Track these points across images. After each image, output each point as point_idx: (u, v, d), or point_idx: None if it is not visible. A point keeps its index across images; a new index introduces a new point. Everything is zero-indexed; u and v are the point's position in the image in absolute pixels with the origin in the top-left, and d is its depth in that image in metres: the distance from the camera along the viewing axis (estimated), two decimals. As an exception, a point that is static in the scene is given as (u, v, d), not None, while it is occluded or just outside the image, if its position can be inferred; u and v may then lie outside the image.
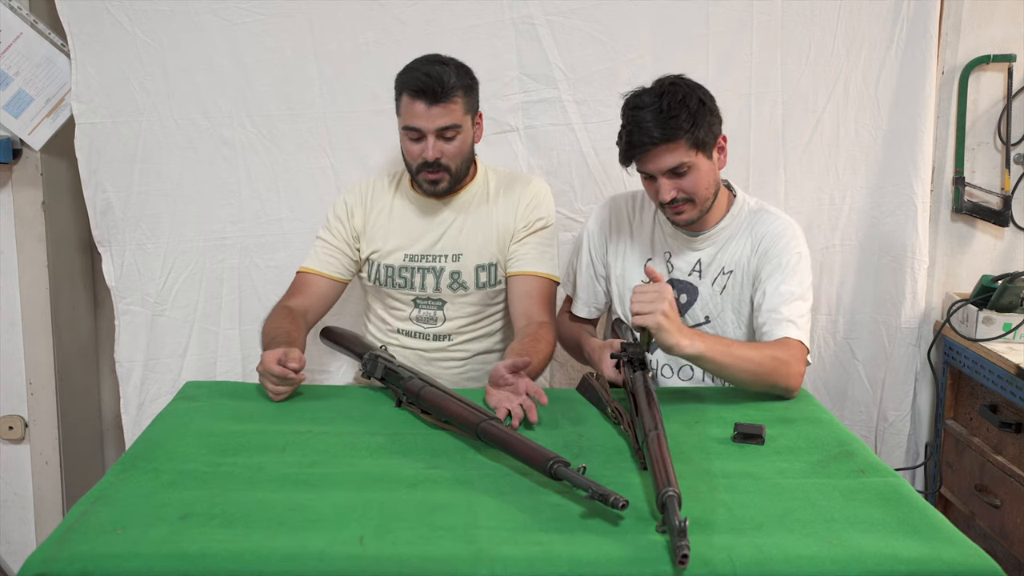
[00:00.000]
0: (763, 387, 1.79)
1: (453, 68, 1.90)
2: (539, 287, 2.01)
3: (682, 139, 1.77)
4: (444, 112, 1.89)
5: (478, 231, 2.03)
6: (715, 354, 1.70)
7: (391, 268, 2.04)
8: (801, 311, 1.84)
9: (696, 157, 1.80)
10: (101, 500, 1.29)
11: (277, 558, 1.14)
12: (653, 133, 1.76)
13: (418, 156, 1.93)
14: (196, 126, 2.34)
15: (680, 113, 1.76)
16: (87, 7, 2.25)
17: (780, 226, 1.91)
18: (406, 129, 1.92)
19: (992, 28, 2.42)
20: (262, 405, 1.71)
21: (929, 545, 1.21)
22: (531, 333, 1.90)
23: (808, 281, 1.89)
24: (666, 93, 1.78)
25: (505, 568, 1.14)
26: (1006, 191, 2.47)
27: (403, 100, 1.92)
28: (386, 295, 2.09)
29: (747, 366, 1.74)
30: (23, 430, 2.46)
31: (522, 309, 1.99)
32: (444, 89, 1.87)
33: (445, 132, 1.91)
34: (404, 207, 2.06)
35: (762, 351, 1.78)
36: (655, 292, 1.68)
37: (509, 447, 1.42)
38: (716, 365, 1.72)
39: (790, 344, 1.80)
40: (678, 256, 1.97)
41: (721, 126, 1.86)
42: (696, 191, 1.83)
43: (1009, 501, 2.15)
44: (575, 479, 1.28)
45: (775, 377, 1.77)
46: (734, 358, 1.73)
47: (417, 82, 1.87)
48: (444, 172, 1.94)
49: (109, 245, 2.38)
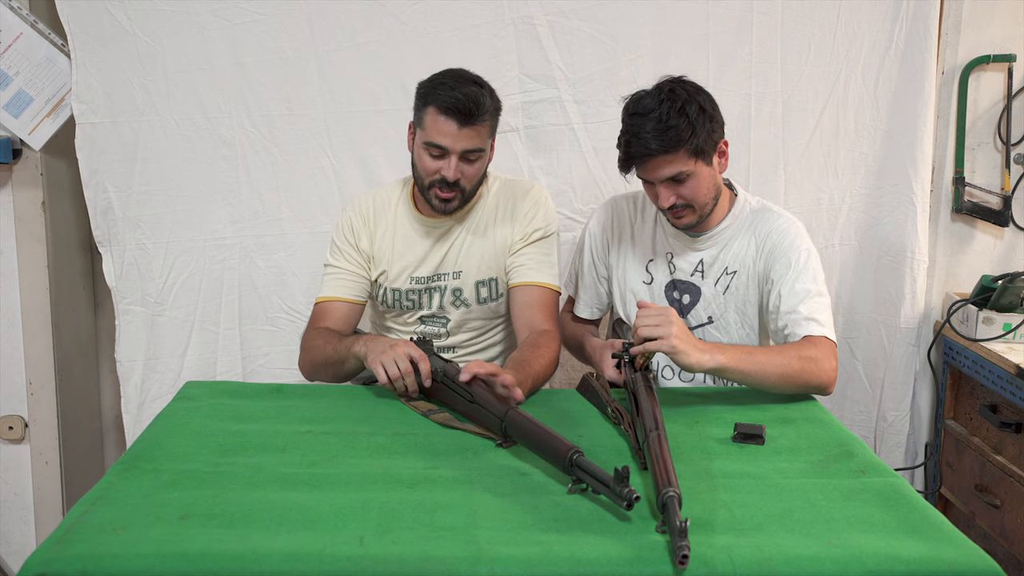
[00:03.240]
0: (795, 388, 1.76)
1: (487, 91, 1.85)
2: (540, 297, 1.97)
3: (681, 149, 1.75)
4: (473, 134, 1.83)
5: (478, 247, 1.99)
6: (737, 363, 1.69)
7: (398, 292, 2.01)
8: (820, 307, 1.82)
9: (695, 165, 1.79)
10: (101, 500, 1.29)
11: (277, 558, 1.14)
12: (651, 144, 1.75)
13: (435, 173, 1.86)
14: (196, 126, 2.34)
15: (679, 123, 1.74)
16: (87, 7, 2.25)
17: (784, 224, 1.90)
18: (429, 145, 1.85)
19: (992, 28, 2.42)
20: (262, 405, 1.71)
21: (929, 545, 1.21)
22: (532, 341, 1.87)
23: (821, 277, 1.87)
24: (665, 100, 1.76)
25: (505, 568, 1.14)
26: (1006, 191, 2.47)
27: (429, 114, 1.84)
28: (395, 314, 2.07)
29: (773, 370, 1.72)
30: (23, 430, 2.46)
31: (524, 319, 1.95)
32: (478, 112, 1.81)
33: (469, 154, 1.85)
34: (408, 228, 2.00)
35: (786, 353, 1.75)
36: (660, 316, 1.66)
37: (532, 436, 1.42)
38: (740, 374, 1.71)
39: (816, 341, 1.78)
40: (680, 256, 1.97)
41: (722, 130, 1.85)
42: (695, 198, 1.82)
43: (1009, 501, 2.15)
44: (593, 470, 1.28)
45: (806, 376, 1.74)
46: (758, 364, 1.71)
47: (451, 100, 1.80)
48: (458, 192, 1.89)
49: (109, 245, 2.38)
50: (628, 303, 2.01)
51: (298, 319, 2.44)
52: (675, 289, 1.97)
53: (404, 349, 1.69)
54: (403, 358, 1.68)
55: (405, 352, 1.68)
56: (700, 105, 1.78)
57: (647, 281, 1.98)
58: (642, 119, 1.76)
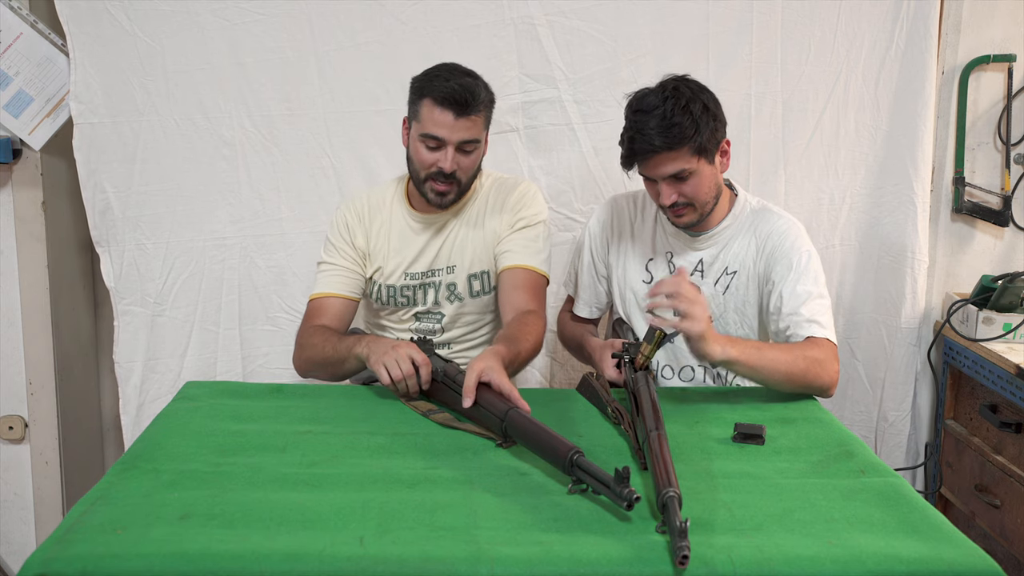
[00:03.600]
0: (798, 387, 1.77)
1: (481, 83, 1.87)
2: (526, 279, 1.96)
3: (685, 146, 1.76)
4: (469, 125, 1.85)
5: (471, 240, 2.00)
6: (747, 358, 1.70)
7: (393, 288, 2.02)
8: (821, 309, 1.83)
9: (698, 163, 1.79)
10: (101, 500, 1.29)
11: (277, 558, 1.14)
12: (655, 141, 1.75)
13: (432, 165, 1.87)
14: (196, 126, 2.34)
15: (683, 120, 1.74)
16: (87, 7, 2.25)
17: (784, 225, 1.91)
18: (425, 137, 1.86)
19: (992, 28, 2.42)
20: (262, 405, 1.71)
21: (929, 545, 1.21)
22: (519, 320, 1.87)
23: (822, 279, 1.87)
24: (670, 98, 1.76)
25: (505, 568, 1.14)
26: (1006, 191, 2.47)
27: (424, 106, 1.85)
28: (389, 311, 2.07)
29: (780, 367, 1.73)
30: (23, 430, 2.46)
31: (510, 302, 1.94)
32: (474, 102, 1.83)
33: (465, 145, 1.87)
34: (403, 224, 2.02)
35: (793, 352, 1.76)
36: (697, 295, 1.67)
37: (532, 436, 1.42)
38: (749, 369, 1.72)
39: (819, 343, 1.79)
40: (680, 256, 1.96)
41: (725, 130, 1.85)
42: (696, 196, 1.82)
43: (1009, 501, 2.15)
44: (594, 471, 1.29)
45: (809, 377, 1.76)
46: (766, 360, 1.73)
47: (447, 91, 1.82)
48: (454, 184, 1.90)
49: (108, 245, 2.38)
50: (628, 302, 2.01)
51: (298, 319, 2.42)
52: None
53: (406, 351, 1.70)
54: (405, 360, 1.69)
55: (407, 354, 1.70)
56: (704, 103, 1.78)
57: (647, 280, 1.98)
58: (646, 116, 1.76)
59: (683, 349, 1.95)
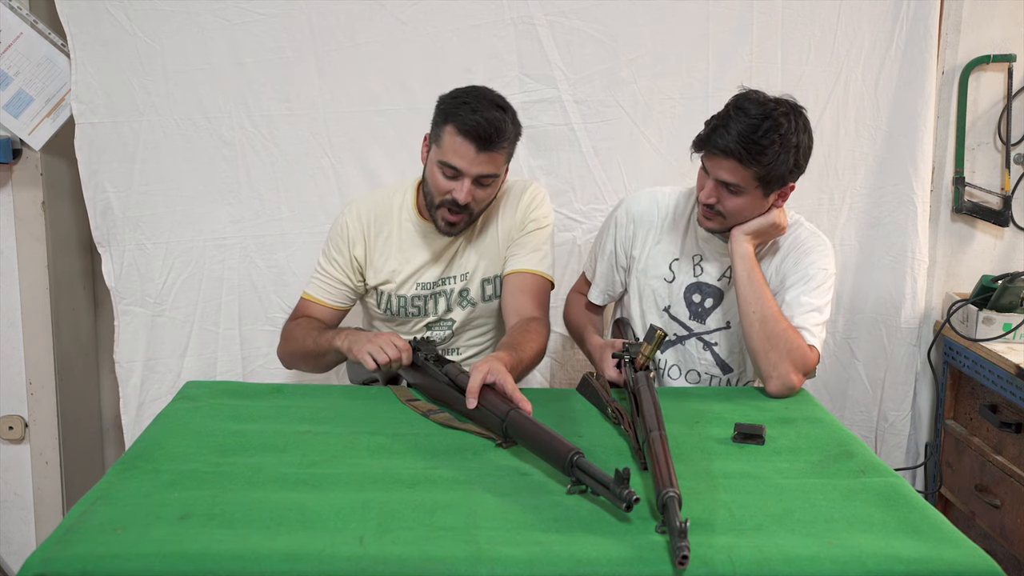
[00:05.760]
0: (762, 349, 1.79)
1: (510, 116, 1.81)
2: (531, 283, 1.95)
3: (753, 168, 1.74)
4: (489, 160, 1.80)
5: (482, 246, 1.98)
6: (750, 276, 1.80)
7: (403, 298, 1.99)
8: (816, 322, 1.84)
9: (754, 189, 1.78)
10: (101, 500, 1.29)
11: (277, 558, 1.14)
12: (731, 144, 1.72)
13: (446, 193, 1.82)
14: (196, 126, 2.34)
15: (769, 146, 1.72)
16: (87, 7, 2.25)
17: (813, 241, 1.91)
18: (443, 164, 1.81)
19: (992, 28, 2.42)
20: (262, 405, 1.71)
21: (929, 545, 1.21)
22: (522, 326, 1.85)
23: (828, 298, 1.87)
24: (772, 119, 1.72)
25: (505, 568, 1.14)
26: (1006, 191, 2.47)
27: (447, 133, 1.79)
28: (399, 322, 2.05)
29: (765, 311, 1.79)
30: (23, 430, 2.46)
31: (514, 306, 1.92)
32: (498, 139, 1.78)
33: (483, 179, 1.82)
34: (413, 233, 1.97)
35: (782, 319, 1.80)
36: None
37: (533, 436, 1.42)
38: (745, 285, 1.80)
39: (804, 340, 1.81)
40: (709, 261, 1.95)
41: (798, 178, 1.83)
42: (732, 212, 1.82)
43: (1009, 501, 2.15)
44: (594, 472, 1.29)
45: (780, 344, 1.77)
46: (759, 295, 1.79)
47: (472, 123, 1.75)
48: (465, 216, 1.86)
49: (109, 245, 2.38)
50: (644, 298, 1.99)
51: (298, 319, 2.43)
52: (697, 291, 1.96)
53: (388, 337, 1.75)
54: (389, 345, 1.74)
55: (389, 339, 1.75)
56: (796, 145, 1.76)
57: (668, 279, 1.97)
58: (743, 118, 1.73)
59: (692, 352, 1.96)
